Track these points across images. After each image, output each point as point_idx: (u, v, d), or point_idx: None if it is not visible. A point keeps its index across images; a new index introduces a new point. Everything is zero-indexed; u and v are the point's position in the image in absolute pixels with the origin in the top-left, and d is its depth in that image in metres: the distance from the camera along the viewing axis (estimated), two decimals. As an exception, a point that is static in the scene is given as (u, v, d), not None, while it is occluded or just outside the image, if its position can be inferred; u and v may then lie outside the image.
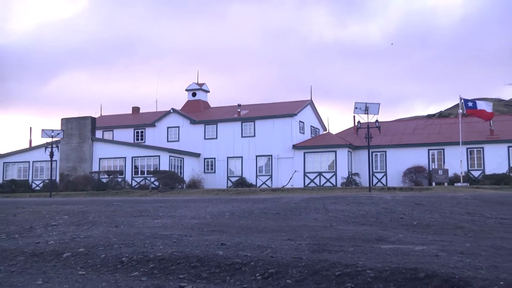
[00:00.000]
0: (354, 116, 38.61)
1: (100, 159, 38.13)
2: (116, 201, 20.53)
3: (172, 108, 42.04)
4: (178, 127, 41.18)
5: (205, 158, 39.80)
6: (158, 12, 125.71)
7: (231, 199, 20.94)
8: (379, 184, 34.91)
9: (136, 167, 37.09)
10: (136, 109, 48.64)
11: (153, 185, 34.93)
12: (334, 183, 35.08)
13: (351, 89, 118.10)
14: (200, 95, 45.22)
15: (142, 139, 41.97)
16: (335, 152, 35.92)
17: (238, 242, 7.88)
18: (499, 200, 17.24)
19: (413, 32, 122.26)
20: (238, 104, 40.70)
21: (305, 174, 36.50)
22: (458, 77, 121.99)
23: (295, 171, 36.33)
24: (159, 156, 36.43)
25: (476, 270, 5.57)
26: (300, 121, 39.07)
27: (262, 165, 38.15)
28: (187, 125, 40.83)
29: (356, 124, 31.32)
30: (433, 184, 31.58)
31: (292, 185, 34.42)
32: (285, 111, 38.68)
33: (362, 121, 29.06)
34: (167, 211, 14.47)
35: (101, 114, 48.69)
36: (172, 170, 36.03)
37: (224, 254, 6.81)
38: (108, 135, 42.85)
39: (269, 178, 37.60)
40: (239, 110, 40.10)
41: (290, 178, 35.57)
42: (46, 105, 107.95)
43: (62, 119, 39.41)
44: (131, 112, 48.49)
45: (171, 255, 6.88)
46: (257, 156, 38.26)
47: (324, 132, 43.63)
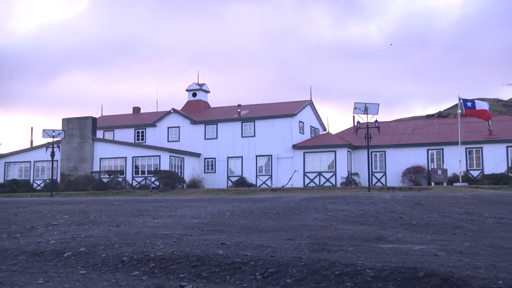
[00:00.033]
0: (354, 116, 38.75)
1: (101, 159, 38.19)
2: (117, 201, 20.54)
3: (173, 108, 42.08)
4: (179, 127, 41.23)
5: (205, 158, 39.85)
6: (158, 13, 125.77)
7: (231, 199, 20.96)
8: (379, 184, 34.95)
9: (137, 167, 37.14)
10: (137, 109, 48.73)
11: (154, 185, 34.98)
12: (334, 183, 35.12)
13: (351, 89, 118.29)
14: (200, 95, 45.28)
15: (143, 139, 42.02)
16: (335, 152, 35.96)
17: (238, 242, 7.90)
18: (498, 200, 17.25)
19: (413, 33, 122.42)
20: (238, 104, 40.74)
21: (305, 174, 36.54)
22: (457, 78, 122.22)
23: (295, 171, 36.36)
24: (160, 156, 36.47)
25: (475, 270, 5.59)
26: (300, 121, 39.11)
27: (262, 165, 38.19)
28: (188, 125, 40.87)
29: (356, 124, 31.35)
30: (432, 184, 31.62)
31: (292, 185, 34.47)
32: (285, 111, 38.72)
33: (362, 121, 29.15)
34: (168, 211, 14.47)
35: (102, 114, 48.77)
36: (173, 170, 36.09)
37: (224, 254, 6.83)
38: (109, 135, 42.91)
39: (269, 178, 37.64)
40: (239, 110, 40.14)
41: (290, 178, 35.62)
42: (47, 105, 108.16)
43: (63, 119, 39.48)
44: (132, 112, 48.59)
45: (172, 255, 6.90)
46: (257, 156, 38.31)
47: (324, 132, 43.68)
